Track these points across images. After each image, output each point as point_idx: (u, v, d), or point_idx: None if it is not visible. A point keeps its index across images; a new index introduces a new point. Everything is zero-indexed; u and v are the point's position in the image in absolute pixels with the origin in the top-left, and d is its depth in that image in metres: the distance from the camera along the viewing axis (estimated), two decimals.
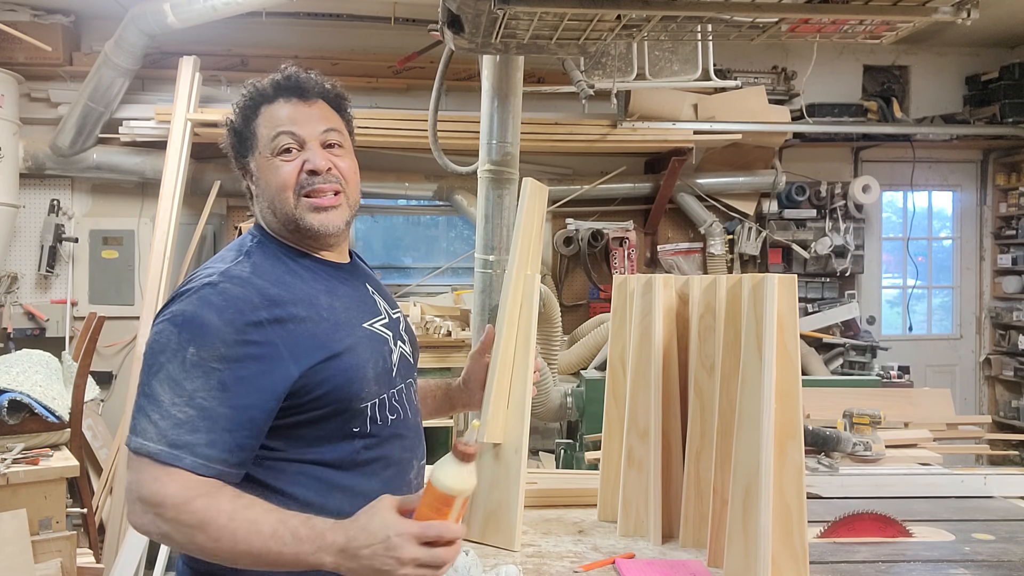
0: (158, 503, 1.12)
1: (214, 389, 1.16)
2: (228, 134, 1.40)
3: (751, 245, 5.56)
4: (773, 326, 1.41)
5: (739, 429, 1.46)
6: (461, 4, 2.03)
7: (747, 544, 1.42)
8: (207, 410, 1.15)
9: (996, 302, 6.19)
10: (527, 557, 1.61)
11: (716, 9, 1.86)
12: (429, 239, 5.76)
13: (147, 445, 1.14)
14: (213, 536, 1.11)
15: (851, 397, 3.04)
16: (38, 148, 4.83)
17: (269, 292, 1.25)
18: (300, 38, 5.19)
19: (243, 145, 1.38)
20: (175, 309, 1.22)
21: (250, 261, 1.30)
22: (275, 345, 1.21)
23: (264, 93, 1.36)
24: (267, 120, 1.34)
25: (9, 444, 3.20)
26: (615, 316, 1.86)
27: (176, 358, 1.17)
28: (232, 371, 1.17)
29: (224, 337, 1.18)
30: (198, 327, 1.18)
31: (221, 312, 1.19)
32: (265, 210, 1.37)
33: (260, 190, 1.36)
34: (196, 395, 1.15)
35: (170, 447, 1.13)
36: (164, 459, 1.13)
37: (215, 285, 1.23)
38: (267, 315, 1.22)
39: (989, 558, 1.61)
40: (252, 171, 1.38)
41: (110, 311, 4.79)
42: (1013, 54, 5.89)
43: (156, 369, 1.17)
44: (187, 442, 1.14)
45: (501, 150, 3.34)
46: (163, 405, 1.15)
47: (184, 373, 1.16)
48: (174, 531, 1.13)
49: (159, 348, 1.19)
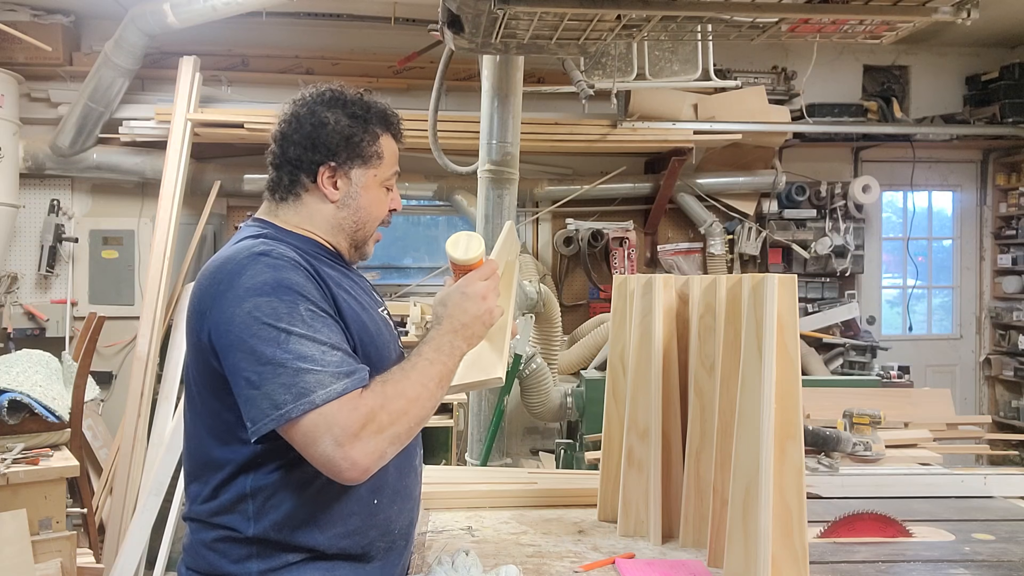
0: (371, 418, 1.19)
1: (337, 333, 1.26)
2: (322, 130, 1.39)
3: (751, 245, 5.56)
4: (773, 326, 1.41)
5: (739, 429, 1.46)
6: (461, 4, 2.03)
7: (747, 544, 1.42)
8: (344, 347, 1.25)
9: (996, 302, 6.19)
10: (527, 557, 1.61)
11: (716, 9, 1.86)
12: (429, 239, 5.76)
13: (332, 389, 1.18)
14: (413, 396, 1.25)
15: (851, 397, 3.04)
16: (38, 148, 4.83)
17: (312, 262, 1.32)
18: (300, 38, 5.19)
19: (351, 151, 1.40)
20: (249, 284, 1.23)
21: (276, 242, 1.33)
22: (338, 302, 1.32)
23: (386, 121, 1.47)
24: (389, 151, 1.47)
25: (9, 444, 3.20)
26: (615, 316, 1.86)
27: (295, 318, 1.21)
28: (334, 313, 1.29)
29: (311, 291, 1.26)
30: (289, 287, 1.24)
31: (295, 270, 1.26)
32: (329, 216, 1.41)
33: (347, 201, 1.42)
34: (332, 339, 1.23)
35: (349, 378, 1.21)
36: (351, 388, 1.20)
37: (269, 253, 1.27)
38: (316, 275, 1.30)
39: (989, 558, 1.61)
40: (347, 178, 1.41)
41: (110, 311, 4.79)
42: (1013, 54, 5.89)
43: (284, 336, 1.20)
44: (353, 369, 1.23)
45: (501, 150, 3.35)
46: (316, 358, 1.20)
47: (309, 327, 1.22)
48: (395, 424, 1.22)
49: (271, 317, 1.20)
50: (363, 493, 1.33)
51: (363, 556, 1.35)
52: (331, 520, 1.31)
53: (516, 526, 1.82)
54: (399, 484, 1.40)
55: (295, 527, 1.29)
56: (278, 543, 1.29)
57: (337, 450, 1.17)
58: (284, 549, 1.29)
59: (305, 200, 1.42)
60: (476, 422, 3.72)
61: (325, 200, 1.41)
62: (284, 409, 1.17)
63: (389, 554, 1.40)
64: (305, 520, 1.29)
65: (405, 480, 1.42)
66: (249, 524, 1.28)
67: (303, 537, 1.29)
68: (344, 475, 1.19)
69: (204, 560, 1.32)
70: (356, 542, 1.34)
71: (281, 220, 1.42)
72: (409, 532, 1.46)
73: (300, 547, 1.29)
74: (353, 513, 1.33)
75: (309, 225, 1.42)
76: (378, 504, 1.36)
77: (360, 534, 1.34)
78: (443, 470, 2.29)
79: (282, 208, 1.43)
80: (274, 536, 1.28)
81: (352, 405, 1.19)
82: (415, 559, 1.60)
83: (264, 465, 1.27)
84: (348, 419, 1.17)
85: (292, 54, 5.15)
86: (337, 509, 1.31)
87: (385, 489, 1.37)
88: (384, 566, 1.39)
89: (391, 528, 1.39)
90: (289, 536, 1.29)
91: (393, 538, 1.40)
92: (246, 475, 1.29)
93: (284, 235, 1.38)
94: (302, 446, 1.19)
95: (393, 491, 1.39)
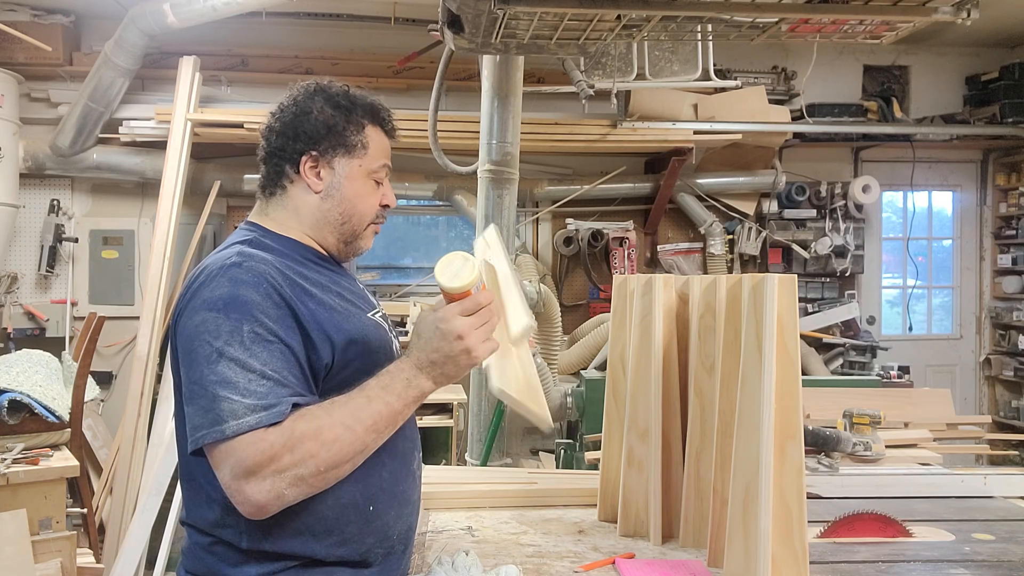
0: (271, 456, 1.14)
1: (278, 359, 1.20)
2: (305, 119, 1.38)
3: (751, 245, 5.56)
4: (773, 326, 1.41)
5: (739, 429, 1.46)
6: (461, 4, 2.03)
7: (747, 544, 1.42)
8: (280, 375, 1.19)
9: (996, 302, 6.19)
10: (527, 557, 1.61)
11: (716, 9, 1.86)
12: (429, 239, 5.76)
13: (244, 422, 1.14)
14: (330, 438, 1.17)
15: (851, 397, 3.03)
16: (38, 148, 4.83)
17: (288, 274, 1.29)
18: (300, 38, 5.19)
19: (334, 140, 1.39)
20: (207, 297, 1.21)
21: (263, 247, 1.32)
22: (306, 318, 1.26)
23: (373, 113, 1.43)
24: (376, 142, 1.43)
25: (9, 444, 3.20)
26: (615, 316, 1.86)
27: (235, 339, 1.18)
28: (286, 336, 1.22)
29: (267, 310, 1.21)
30: (242, 305, 1.20)
31: (256, 287, 1.22)
32: (314, 209, 1.40)
33: (331, 192, 1.40)
34: (266, 368, 1.18)
35: (265, 411, 1.15)
36: (265, 423, 1.14)
37: (239, 264, 1.24)
38: (290, 292, 1.26)
39: (989, 558, 1.61)
40: (330, 167, 1.39)
41: (110, 311, 4.80)
42: (1013, 54, 5.89)
43: (216, 356, 1.17)
44: (276, 402, 1.17)
45: (501, 150, 3.35)
46: (239, 385, 1.16)
47: (247, 351, 1.17)
48: (298, 467, 1.15)
49: (211, 335, 1.18)
50: (358, 500, 1.30)
51: (361, 562, 1.33)
52: (326, 529, 1.29)
53: (516, 526, 1.82)
54: (395, 489, 1.37)
55: (290, 537, 1.27)
56: (274, 553, 1.27)
57: (232, 482, 1.14)
58: (281, 558, 1.28)
59: (291, 192, 1.41)
60: (476, 422, 3.71)
61: (309, 191, 1.40)
62: (199, 433, 1.16)
63: (388, 559, 1.38)
64: (299, 530, 1.27)
65: (402, 485, 1.39)
66: (242, 538, 1.26)
67: (299, 547, 1.27)
68: (241, 508, 1.16)
69: (203, 563, 1.31)
70: (353, 549, 1.31)
71: (271, 219, 1.42)
72: (408, 537, 1.44)
73: (297, 556, 1.28)
74: (349, 521, 1.30)
75: (296, 221, 1.41)
76: (374, 510, 1.33)
77: (357, 541, 1.32)
78: (443, 470, 2.29)
79: (271, 205, 1.43)
80: (269, 548, 1.27)
81: (253, 440, 1.14)
82: (415, 559, 1.60)
83: None
84: (246, 454, 1.14)
85: (292, 54, 5.15)
86: (331, 517, 1.29)
87: (381, 495, 1.34)
88: (383, 571, 1.37)
89: (389, 534, 1.37)
90: (284, 546, 1.27)
91: (391, 544, 1.38)
92: None
93: (272, 239, 1.37)
94: (214, 470, 1.18)
95: (389, 496, 1.36)
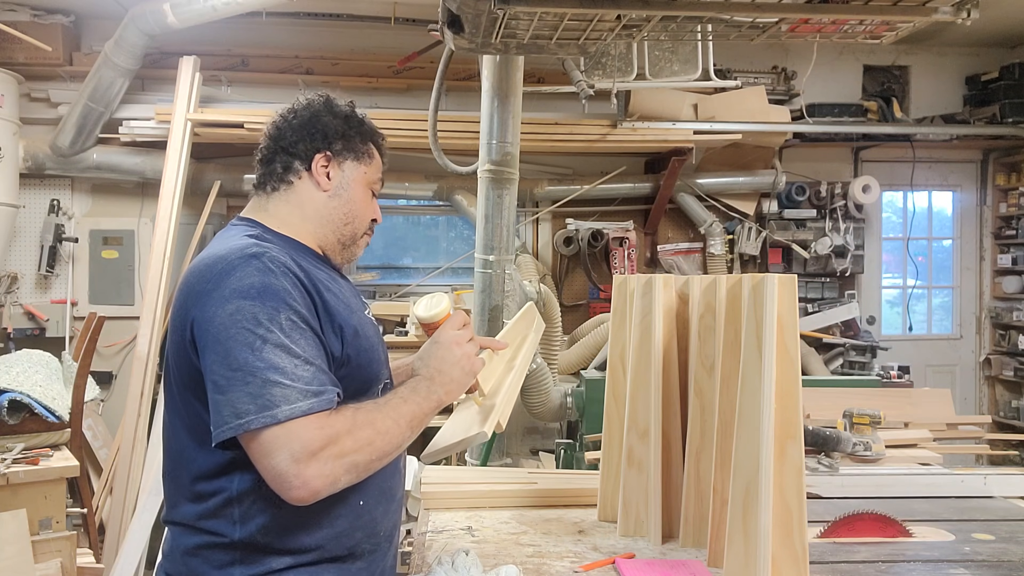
0: (332, 439, 1.18)
1: (313, 346, 1.24)
2: (322, 120, 1.43)
3: (751, 245, 5.56)
4: (773, 326, 1.41)
5: (739, 429, 1.46)
6: (461, 4, 2.03)
7: (747, 544, 1.42)
8: (318, 363, 1.24)
9: (996, 302, 6.19)
10: (527, 557, 1.61)
11: (716, 9, 1.86)
12: (429, 239, 5.76)
13: (297, 407, 1.17)
14: (383, 429, 1.24)
15: (851, 397, 3.03)
16: (38, 148, 4.83)
17: (302, 264, 1.31)
18: (300, 38, 5.19)
19: (346, 144, 1.44)
20: (236, 286, 1.22)
21: (269, 244, 1.32)
22: (323, 309, 1.30)
23: (373, 133, 1.51)
24: (376, 158, 1.51)
25: (9, 444, 3.20)
26: (615, 316, 1.86)
27: (275, 326, 1.20)
28: (315, 325, 1.27)
29: (297, 298, 1.25)
30: (275, 293, 1.22)
31: (285, 276, 1.25)
32: (320, 207, 1.43)
33: (339, 192, 1.43)
34: (307, 353, 1.22)
35: (316, 397, 1.19)
36: (319, 408, 1.18)
37: (262, 255, 1.26)
38: (309, 283, 1.29)
39: (989, 558, 1.61)
40: (340, 169, 1.43)
41: (110, 311, 4.80)
42: (1013, 54, 5.89)
43: (260, 342, 1.18)
44: (323, 388, 1.21)
45: (501, 150, 3.35)
46: (287, 371, 1.18)
47: (288, 337, 1.20)
48: (357, 453, 1.20)
49: (251, 322, 1.19)
50: (349, 495, 1.31)
51: (348, 557, 1.35)
52: (318, 522, 1.30)
53: (516, 526, 1.82)
54: (384, 485, 1.40)
55: (282, 530, 1.27)
56: (264, 547, 1.27)
57: (292, 466, 1.15)
58: (269, 553, 1.27)
59: (297, 188, 1.42)
60: None
61: (317, 188, 1.42)
62: (245, 419, 1.15)
63: (374, 555, 1.40)
64: (292, 523, 1.27)
65: (390, 481, 1.42)
66: (235, 528, 1.26)
67: (290, 540, 1.28)
68: (291, 493, 1.16)
69: (186, 567, 1.30)
70: (343, 544, 1.33)
71: (271, 215, 1.42)
72: (393, 533, 1.46)
73: (286, 550, 1.28)
74: (340, 515, 1.32)
75: (299, 217, 1.42)
76: (364, 505, 1.35)
77: (347, 536, 1.33)
78: (443, 470, 2.29)
79: (272, 200, 1.43)
80: (261, 540, 1.27)
81: (318, 424, 1.17)
82: (415, 559, 1.60)
83: (249, 468, 1.23)
84: (311, 437, 1.16)
85: (292, 54, 5.15)
86: (324, 511, 1.29)
87: (371, 490, 1.36)
88: (370, 565, 1.39)
89: (376, 530, 1.39)
90: (276, 540, 1.27)
91: (378, 540, 1.40)
92: (230, 478, 1.27)
93: (275, 237, 1.38)
94: (256, 457, 1.17)
95: (379, 492, 1.38)
